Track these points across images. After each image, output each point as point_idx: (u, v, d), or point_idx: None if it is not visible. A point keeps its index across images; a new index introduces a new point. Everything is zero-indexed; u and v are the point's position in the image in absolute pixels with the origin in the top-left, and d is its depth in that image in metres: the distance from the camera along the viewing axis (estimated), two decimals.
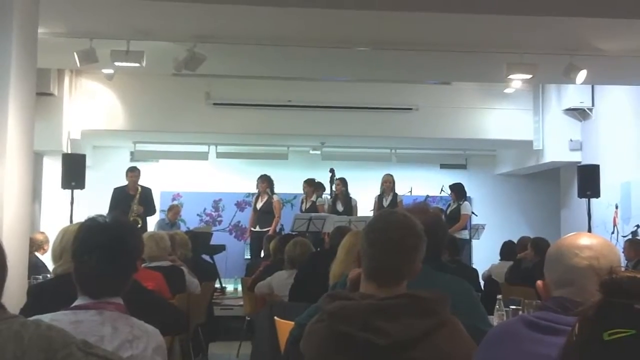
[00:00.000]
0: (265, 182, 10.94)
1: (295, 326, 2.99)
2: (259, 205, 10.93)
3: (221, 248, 10.82)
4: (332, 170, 10.92)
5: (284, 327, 3.89)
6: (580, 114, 11.66)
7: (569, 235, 2.08)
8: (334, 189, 10.81)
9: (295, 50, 7.88)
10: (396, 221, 2.25)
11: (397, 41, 7.52)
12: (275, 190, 11.14)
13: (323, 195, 11.14)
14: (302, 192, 11.16)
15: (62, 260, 3.45)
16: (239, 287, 9.27)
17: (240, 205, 13.01)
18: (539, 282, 2.09)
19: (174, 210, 11.61)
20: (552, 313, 1.91)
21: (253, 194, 11.29)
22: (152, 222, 10.93)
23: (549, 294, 2.03)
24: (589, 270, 1.96)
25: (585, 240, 2.02)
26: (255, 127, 11.65)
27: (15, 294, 3.68)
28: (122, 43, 7.36)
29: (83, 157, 10.04)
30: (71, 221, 8.52)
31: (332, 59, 8.41)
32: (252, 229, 10.96)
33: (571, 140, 11.81)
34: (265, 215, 10.88)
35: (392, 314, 2.06)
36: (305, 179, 11.16)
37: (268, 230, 10.58)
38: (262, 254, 9.49)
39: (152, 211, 10.52)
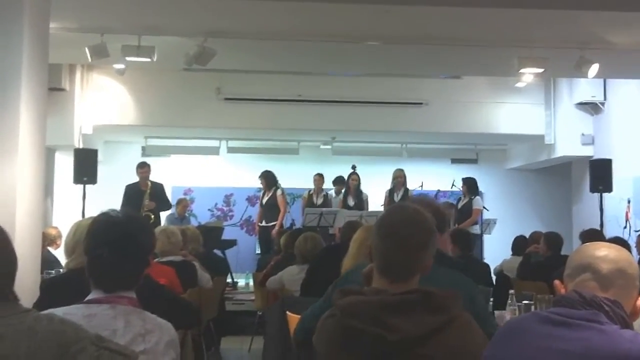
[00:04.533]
0: (265, 179, 10.96)
1: (299, 322, 3.00)
2: (264, 200, 10.97)
3: (232, 243, 10.83)
4: (354, 167, 10.92)
5: (296, 322, 3.89)
6: (592, 108, 11.59)
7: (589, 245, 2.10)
8: (350, 183, 10.82)
9: (306, 45, 7.88)
10: (407, 216, 2.23)
11: (408, 35, 7.49)
12: (286, 185, 11.13)
13: (328, 192, 11.14)
14: (313, 186, 11.18)
15: (74, 254, 3.46)
16: (251, 282, 9.28)
17: (251, 200, 13.02)
18: (557, 282, 2.09)
19: (182, 204, 11.61)
20: (567, 308, 1.91)
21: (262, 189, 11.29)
22: (164, 217, 10.95)
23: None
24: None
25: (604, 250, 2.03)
26: (266, 122, 11.65)
27: (28, 289, 3.70)
28: (133, 38, 7.38)
29: (95, 152, 10.06)
30: (83, 216, 8.55)
31: (342, 54, 8.39)
32: (259, 224, 11.00)
33: (583, 134, 11.73)
34: (271, 209, 10.90)
35: (404, 310, 2.06)
36: (316, 172, 11.17)
37: (274, 225, 10.60)
38: (271, 249, 9.49)
39: (166, 206, 10.54)
